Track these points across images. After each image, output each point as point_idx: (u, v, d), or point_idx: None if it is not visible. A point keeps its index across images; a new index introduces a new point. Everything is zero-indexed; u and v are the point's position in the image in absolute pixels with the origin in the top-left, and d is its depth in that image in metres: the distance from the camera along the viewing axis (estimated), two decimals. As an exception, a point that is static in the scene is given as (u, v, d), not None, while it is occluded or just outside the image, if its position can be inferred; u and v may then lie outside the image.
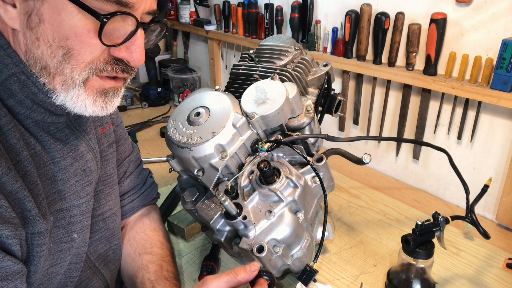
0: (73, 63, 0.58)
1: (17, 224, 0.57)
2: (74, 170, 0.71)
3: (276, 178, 0.79)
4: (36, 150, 0.64)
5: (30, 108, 0.62)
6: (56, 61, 0.57)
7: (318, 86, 1.02)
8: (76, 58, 0.57)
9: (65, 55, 0.57)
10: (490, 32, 1.07)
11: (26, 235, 0.60)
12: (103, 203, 0.83)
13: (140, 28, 0.60)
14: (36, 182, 0.63)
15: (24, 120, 0.63)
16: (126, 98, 1.99)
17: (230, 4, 1.77)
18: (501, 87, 1.03)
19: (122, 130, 0.93)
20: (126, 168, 0.93)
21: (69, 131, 0.70)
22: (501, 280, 0.95)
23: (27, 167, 0.61)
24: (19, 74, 0.59)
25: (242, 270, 0.68)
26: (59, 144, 0.68)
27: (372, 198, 1.27)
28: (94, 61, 0.59)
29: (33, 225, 0.61)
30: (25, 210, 0.59)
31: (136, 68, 0.65)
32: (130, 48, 0.60)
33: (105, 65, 0.60)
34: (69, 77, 0.59)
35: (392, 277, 0.90)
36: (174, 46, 2.32)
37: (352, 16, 1.30)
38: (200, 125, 0.79)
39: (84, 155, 0.73)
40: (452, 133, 1.22)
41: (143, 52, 0.62)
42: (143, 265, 0.84)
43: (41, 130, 0.65)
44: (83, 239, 0.75)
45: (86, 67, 0.59)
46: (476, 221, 0.92)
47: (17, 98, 0.61)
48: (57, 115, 0.66)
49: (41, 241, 0.62)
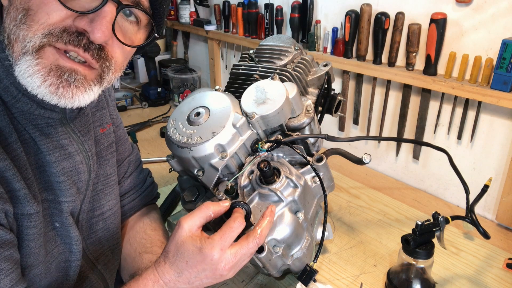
0: (28, 24, 0.53)
1: (4, 198, 0.57)
2: (61, 168, 0.69)
3: (276, 178, 0.79)
4: (25, 138, 0.63)
5: (14, 97, 0.60)
6: (15, 24, 0.54)
7: (318, 86, 1.02)
8: (32, 19, 0.53)
9: (23, 17, 0.54)
10: (490, 32, 1.07)
11: (16, 216, 0.60)
12: (103, 203, 0.82)
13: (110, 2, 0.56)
14: (25, 166, 0.62)
15: (11, 109, 0.61)
16: (126, 98, 1.99)
17: (230, 4, 1.77)
18: (501, 87, 1.03)
19: (122, 131, 0.93)
20: (126, 169, 0.93)
21: (62, 129, 0.68)
22: (501, 280, 0.95)
23: (17, 151, 0.61)
24: (3, 60, 0.58)
25: (212, 204, 0.68)
26: (45, 138, 0.66)
27: (372, 198, 1.27)
28: (50, 25, 0.54)
29: (23, 206, 0.60)
30: (14, 189, 0.59)
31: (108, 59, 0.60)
32: (94, 19, 0.55)
33: (62, 32, 0.54)
34: (22, 40, 0.54)
35: (392, 277, 0.90)
36: (174, 46, 2.33)
37: (352, 16, 1.30)
38: (200, 125, 0.79)
39: (73, 156, 0.71)
40: (452, 133, 1.22)
41: (108, 30, 0.56)
42: (144, 265, 0.84)
43: (27, 122, 0.63)
44: (71, 236, 0.73)
45: (39, 30, 0.53)
46: (476, 221, 0.92)
47: (2, 85, 0.60)
48: (47, 109, 0.64)
49: (31, 223, 0.62)
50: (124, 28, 0.63)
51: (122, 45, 0.62)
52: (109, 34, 0.57)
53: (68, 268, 0.74)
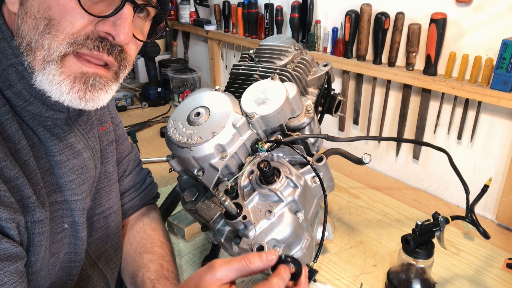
0: (53, 33, 0.55)
1: (16, 209, 0.57)
2: (71, 167, 0.70)
3: (276, 178, 0.79)
4: (34, 142, 0.64)
5: (27, 101, 0.61)
6: (38, 33, 0.55)
7: (318, 86, 1.02)
8: (56, 28, 0.55)
9: (46, 26, 0.55)
10: (490, 32, 1.07)
11: (27, 224, 0.60)
12: (104, 201, 0.83)
13: (128, 4, 0.58)
14: (34, 172, 0.62)
15: (21, 112, 0.62)
16: (126, 98, 1.99)
17: (230, 4, 1.77)
18: (501, 87, 1.03)
19: (121, 130, 0.93)
20: (126, 167, 0.94)
21: (67, 128, 0.70)
22: (501, 280, 0.95)
23: (26, 157, 0.61)
24: (17, 65, 0.59)
25: (257, 258, 0.58)
26: (55, 139, 0.67)
27: (372, 198, 1.27)
28: (74, 34, 0.56)
29: (33, 213, 0.61)
30: (24, 197, 0.59)
31: (126, 57, 0.62)
32: (116, 23, 0.58)
33: (86, 39, 0.57)
34: (47, 50, 0.56)
35: (392, 277, 0.90)
36: (174, 46, 2.32)
37: (352, 16, 1.30)
38: (200, 125, 0.79)
39: (81, 153, 0.73)
40: (452, 133, 1.22)
41: (130, 31, 0.59)
42: (144, 264, 0.84)
43: (37, 124, 0.64)
44: (80, 236, 0.74)
45: (65, 40, 0.56)
46: (476, 221, 0.92)
47: (15, 89, 0.60)
48: (56, 110, 0.65)
49: (41, 229, 0.62)
50: (136, 25, 0.65)
51: (137, 42, 0.65)
52: (131, 35, 0.60)
53: (72, 268, 0.75)
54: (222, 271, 0.57)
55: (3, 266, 0.55)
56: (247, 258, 0.58)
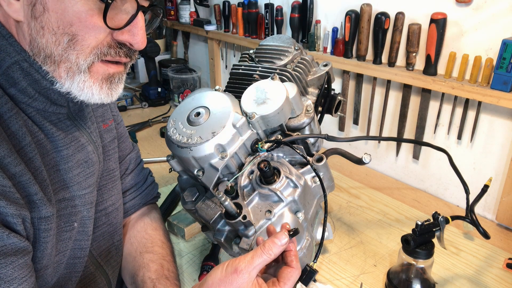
0: (79, 49, 0.59)
1: (21, 204, 0.58)
2: (76, 160, 0.71)
3: (276, 178, 0.79)
4: (39, 138, 0.65)
5: (32, 97, 0.63)
6: (61, 48, 0.58)
7: (318, 86, 1.02)
8: (81, 44, 0.59)
9: (70, 42, 0.58)
10: (490, 32, 1.07)
11: (33, 220, 0.61)
12: (106, 198, 0.83)
13: (140, 11, 0.61)
14: (40, 168, 0.63)
15: (26, 109, 0.63)
16: (126, 98, 1.99)
17: (230, 4, 1.77)
18: (501, 87, 1.03)
19: (123, 128, 0.94)
20: (127, 166, 0.94)
21: (70, 123, 0.71)
22: (501, 280, 0.95)
23: (30, 153, 0.62)
24: (21, 62, 0.60)
25: (274, 247, 0.61)
26: (61, 133, 0.69)
27: (372, 198, 1.27)
28: (98, 46, 0.60)
29: (40, 210, 0.61)
30: (30, 194, 0.60)
31: (136, 53, 0.67)
32: (132, 31, 0.62)
33: (109, 49, 0.61)
34: (75, 63, 0.60)
35: (392, 277, 0.90)
36: (174, 46, 2.33)
37: (352, 16, 1.30)
38: (200, 125, 0.79)
39: (86, 147, 0.74)
40: (452, 133, 1.22)
41: (145, 35, 0.64)
42: (144, 264, 0.84)
43: (43, 119, 0.66)
44: (86, 231, 0.75)
45: (91, 52, 0.60)
46: (476, 221, 0.92)
47: (19, 87, 0.61)
48: (58, 105, 0.67)
49: (48, 226, 0.63)
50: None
51: None
52: (145, 37, 0.64)
53: (76, 265, 0.76)
54: (248, 269, 0.60)
55: (12, 261, 0.56)
56: (266, 251, 0.61)
